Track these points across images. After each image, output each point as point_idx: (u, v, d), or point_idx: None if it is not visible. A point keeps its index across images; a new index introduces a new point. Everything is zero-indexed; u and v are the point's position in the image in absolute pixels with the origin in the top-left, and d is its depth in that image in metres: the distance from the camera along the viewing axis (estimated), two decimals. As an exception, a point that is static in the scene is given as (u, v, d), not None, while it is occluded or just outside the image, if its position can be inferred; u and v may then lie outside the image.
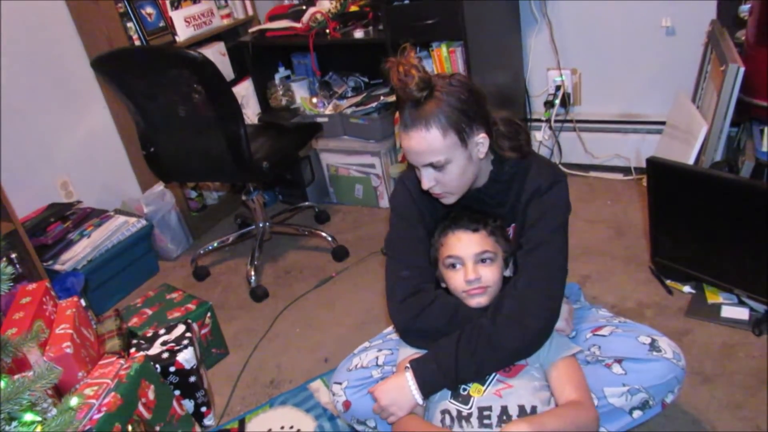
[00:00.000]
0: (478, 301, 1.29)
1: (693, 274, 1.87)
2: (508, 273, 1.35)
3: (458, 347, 1.23)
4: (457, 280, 1.30)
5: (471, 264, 1.28)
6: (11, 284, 0.98)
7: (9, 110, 2.38)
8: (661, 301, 1.92)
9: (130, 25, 2.53)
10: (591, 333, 1.33)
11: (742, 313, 1.78)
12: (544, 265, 1.25)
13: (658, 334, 1.29)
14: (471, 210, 1.34)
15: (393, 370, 1.37)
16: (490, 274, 1.29)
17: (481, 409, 1.20)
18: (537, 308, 1.22)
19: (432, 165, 1.23)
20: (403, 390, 1.25)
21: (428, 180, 1.25)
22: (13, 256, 2.10)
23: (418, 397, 1.24)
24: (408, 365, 1.27)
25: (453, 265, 1.31)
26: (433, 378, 1.24)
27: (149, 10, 2.59)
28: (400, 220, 1.40)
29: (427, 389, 1.24)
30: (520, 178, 1.31)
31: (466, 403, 1.22)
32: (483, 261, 1.29)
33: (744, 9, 2.04)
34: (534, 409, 1.19)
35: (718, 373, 1.62)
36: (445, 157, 1.21)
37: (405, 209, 1.39)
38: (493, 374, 1.25)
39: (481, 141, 1.24)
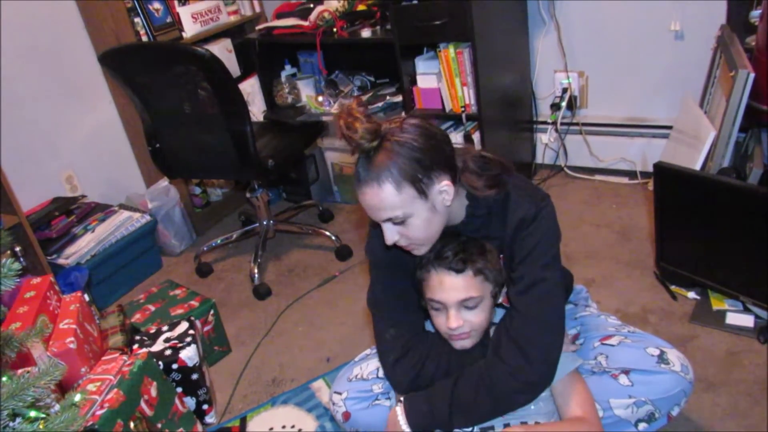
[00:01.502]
0: (462, 344, 1.23)
1: (698, 280, 1.87)
2: (499, 300, 1.28)
3: (453, 395, 1.17)
4: (440, 322, 1.23)
5: (453, 311, 1.19)
6: (17, 280, 0.98)
7: (16, 103, 2.39)
8: (666, 306, 1.92)
9: (137, 20, 2.53)
10: (599, 342, 1.31)
11: (747, 320, 1.77)
12: (541, 307, 1.16)
13: (667, 346, 1.27)
14: (458, 241, 1.22)
15: None
16: (475, 319, 1.20)
17: (483, 430, 1.20)
18: (538, 357, 1.14)
19: (391, 221, 1.13)
20: (395, 425, 1.22)
21: (391, 235, 1.15)
22: (18, 249, 2.10)
23: None
24: (401, 399, 1.23)
25: (436, 308, 1.23)
26: (425, 420, 1.20)
27: (156, 5, 2.59)
28: (378, 270, 1.33)
29: (419, 428, 1.20)
30: (500, 208, 1.20)
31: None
32: (468, 306, 1.20)
33: (755, 14, 2.03)
34: (537, 424, 1.19)
35: (722, 380, 1.61)
36: (403, 212, 1.11)
37: (380, 258, 1.30)
38: None
39: (444, 189, 1.13)
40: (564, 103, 2.68)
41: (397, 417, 1.21)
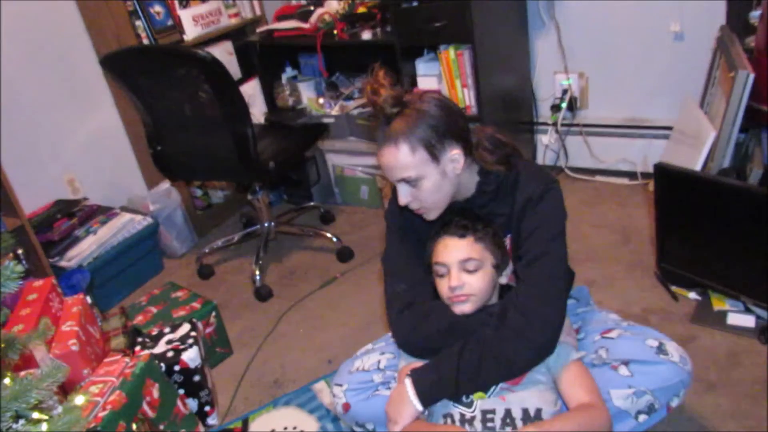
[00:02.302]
0: (461, 308, 1.27)
1: (699, 280, 1.87)
2: (504, 281, 1.33)
3: (460, 360, 1.21)
4: (442, 286, 1.29)
5: (455, 271, 1.26)
6: (20, 282, 0.99)
7: (18, 106, 2.39)
8: (667, 307, 1.92)
9: (138, 23, 2.54)
10: (599, 335, 1.33)
11: (748, 321, 1.78)
12: (546, 277, 1.22)
13: (665, 338, 1.29)
14: (463, 215, 1.31)
15: (395, 375, 1.37)
16: (475, 282, 1.26)
17: (484, 412, 1.21)
18: (541, 322, 1.20)
19: (405, 181, 1.23)
20: (403, 399, 1.24)
21: (404, 196, 1.25)
22: (20, 251, 2.11)
23: (418, 406, 1.23)
24: (408, 374, 1.26)
25: (440, 273, 1.30)
26: (433, 389, 1.23)
27: (158, 8, 2.60)
28: (394, 234, 1.41)
29: (427, 399, 1.23)
30: (509, 187, 1.29)
31: (469, 407, 1.22)
32: (468, 269, 1.26)
33: (754, 15, 2.03)
34: (539, 411, 1.19)
35: (723, 380, 1.61)
36: (415, 173, 1.21)
37: (398, 223, 1.40)
38: None
39: (455, 157, 1.23)
40: (564, 105, 2.69)
41: (406, 390, 1.23)
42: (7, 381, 1.00)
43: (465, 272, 1.26)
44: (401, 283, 1.35)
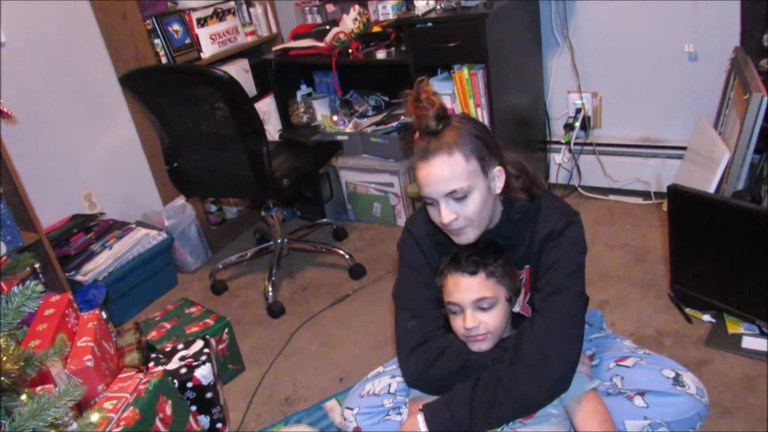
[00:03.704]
0: (479, 347, 1.26)
1: (713, 302, 1.85)
2: (517, 309, 1.31)
3: (474, 397, 1.20)
4: (457, 325, 1.27)
5: (470, 311, 1.24)
6: (40, 301, 1.00)
7: (37, 122, 2.44)
8: (681, 329, 1.90)
9: (157, 41, 2.59)
10: (614, 363, 1.31)
11: (763, 344, 1.75)
12: (562, 312, 1.20)
13: (682, 369, 1.27)
14: (471, 248, 1.28)
15: (405, 399, 1.36)
16: (491, 320, 1.24)
17: None
18: (557, 357, 1.18)
19: (453, 195, 1.18)
20: None
21: (448, 213, 1.19)
22: (37, 266, 2.13)
23: None
24: (421, 410, 1.24)
25: (453, 311, 1.28)
26: (446, 426, 1.21)
27: (176, 27, 2.65)
28: (406, 266, 1.38)
29: None
30: (531, 218, 1.28)
31: None
32: (482, 307, 1.24)
33: (768, 37, 2.03)
34: None
35: (738, 405, 1.59)
36: (467, 184, 1.17)
37: (411, 256, 1.37)
38: None
39: (497, 174, 1.23)
40: (577, 124, 2.69)
41: (418, 425, 1.22)
42: (23, 398, 1.01)
43: (480, 310, 1.24)
44: (411, 320, 1.32)
